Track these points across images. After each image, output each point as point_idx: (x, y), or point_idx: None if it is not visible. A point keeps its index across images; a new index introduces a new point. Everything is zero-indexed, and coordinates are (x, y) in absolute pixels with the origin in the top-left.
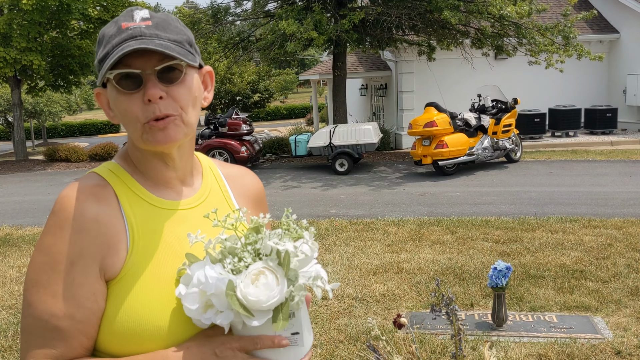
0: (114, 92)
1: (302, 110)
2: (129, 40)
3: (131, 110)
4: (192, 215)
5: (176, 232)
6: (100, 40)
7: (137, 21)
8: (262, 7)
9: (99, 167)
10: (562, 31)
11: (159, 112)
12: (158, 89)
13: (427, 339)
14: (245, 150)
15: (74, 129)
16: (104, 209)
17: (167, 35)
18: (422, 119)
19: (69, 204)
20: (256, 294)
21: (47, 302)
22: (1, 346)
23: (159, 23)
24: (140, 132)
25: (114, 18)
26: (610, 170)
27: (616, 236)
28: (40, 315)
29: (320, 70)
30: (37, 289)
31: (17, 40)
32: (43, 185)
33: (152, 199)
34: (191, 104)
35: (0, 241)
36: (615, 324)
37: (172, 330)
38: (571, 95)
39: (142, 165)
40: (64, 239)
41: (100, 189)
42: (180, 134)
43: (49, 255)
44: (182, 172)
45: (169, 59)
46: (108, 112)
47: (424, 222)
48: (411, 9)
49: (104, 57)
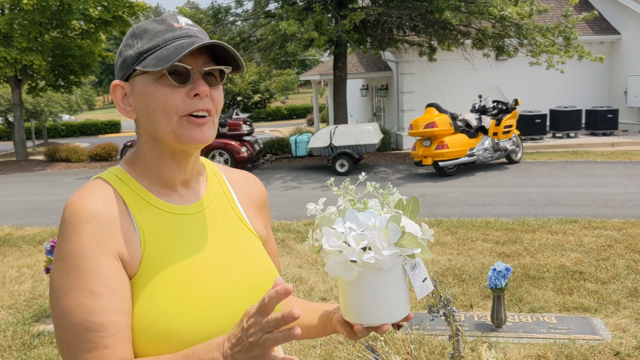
0: (154, 84)
1: (303, 110)
2: (185, 38)
3: (172, 101)
4: (199, 219)
5: (185, 235)
6: (138, 34)
7: (183, 24)
8: (262, 7)
9: (104, 173)
10: (563, 32)
11: (202, 106)
12: (207, 87)
13: (426, 340)
14: (246, 151)
15: (75, 129)
16: (114, 212)
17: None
18: (423, 120)
19: (80, 209)
20: (411, 227)
21: (86, 303)
22: (1, 346)
23: (201, 30)
24: (175, 126)
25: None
26: (610, 172)
27: (616, 237)
28: (82, 318)
29: (321, 71)
30: (72, 294)
31: (17, 40)
32: (43, 186)
33: (159, 203)
34: (220, 108)
35: (0, 241)
36: (614, 325)
37: (184, 331)
38: (572, 96)
39: (154, 166)
40: (82, 241)
41: (108, 194)
42: (211, 135)
43: (72, 260)
44: (189, 176)
45: (213, 64)
46: (123, 107)
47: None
48: (412, 10)
49: (151, 48)
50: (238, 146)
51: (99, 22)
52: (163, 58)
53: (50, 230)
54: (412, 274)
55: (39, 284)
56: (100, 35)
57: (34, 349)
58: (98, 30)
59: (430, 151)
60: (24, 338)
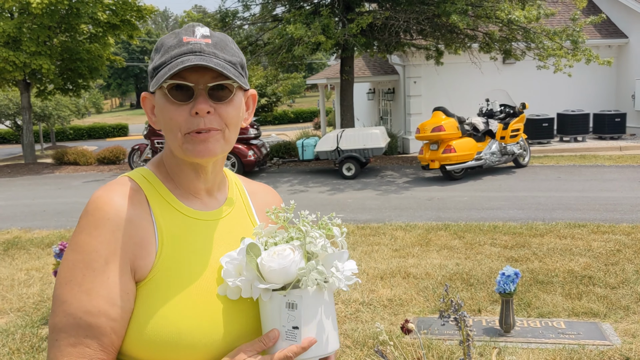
0: (163, 99)
1: (310, 114)
2: (189, 55)
3: (177, 119)
4: (217, 226)
5: (202, 241)
6: (157, 49)
7: (197, 37)
8: (270, 11)
9: (132, 172)
10: (570, 35)
11: (203, 125)
12: (207, 104)
13: (435, 344)
14: (253, 154)
15: (83, 132)
16: (137, 211)
17: (223, 56)
18: (430, 124)
19: (105, 204)
20: (270, 259)
21: (82, 300)
22: (9, 349)
23: (217, 42)
24: (181, 142)
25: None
26: (618, 176)
27: (625, 242)
28: (74, 312)
29: (328, 75)
30: (72, 286)
31: (26, 44)
32: (52, 188)
33: (181, 207)
34: (234, 123)
35: (9, 244)
36: (624, 331)
37: (193, 334)
38: (579, 100)
39: (175, 173)
40: (99, 237)
41: (133, 192)
42: (219, 148)
43: (84, 254)
44: (211, 185)
45: (222, 78)
46: (150, 117)
47: (431, 227)
48: (419, 13)
49: (161, 65)
50: (245, 150)
51: (107, 25)
52: (162, 76)
53: (58, 233)
54: (284, 312)
55: (47, 287)
56: (108, 39)
57: (42, 352)
58: (106, 34)
59: (437, 155)
60: (32, 341)
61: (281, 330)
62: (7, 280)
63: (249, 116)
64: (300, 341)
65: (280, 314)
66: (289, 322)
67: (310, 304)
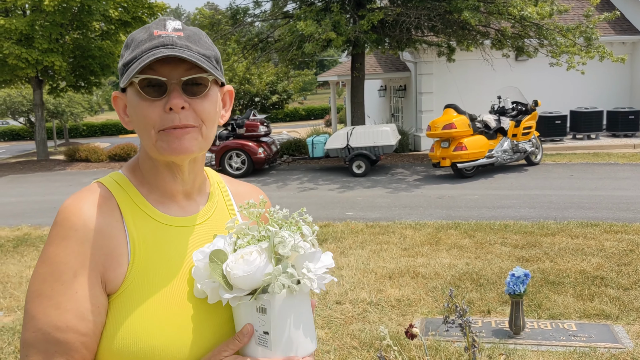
0: (136, 97)
1: (321, 111)
2: (160, 48)
3: (150, 116)
4: (195, 232)
5: (178, 249)
6: (128, 44)
7: (169, 30)
8: (280, 8)
9: (105, 178)
10: (583, 32)
11: (179, 122)
12: (182, 99)
13: (442, 347)
14: (263, 152)
15: (95, 129)
16: (107, 221)
17: (197, 49)
18: (441, 121)
19: (72, 214)
20: (235, 266)
21: (50, 314)
22: (15, 347)
23: (190, 35)
24: (155, 140)
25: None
26: (632, 174)
27: (638, 242)
28: (43, 328)
29: (339, 72)
30: (41, 300)
31: (39, 42)
32: (63, 185)
33: (155, 214)
34: (211, 119)
35: (19, 241)
36: (637, 333)
37: (167, 350)
38: (593, 97)
39: (151, 176)
40: (67, 249)
41: (104, 201)
42: (195, 146)
43: (52, 266)
44: (190, 187)
45: (196, 71)
46: (123, 117)
47: (441, 226)
48: (431, 10)
49: (131, 60)
50: (255, 147)
51: (119, 23)
52: (132, 71)
53: None
54: (255, 316)
55: None
56: (120, 36)
57: None
58: (118, 31)
59: (448, 152)
60: None
61: (254, 334)
62: (15, 278)
63: (226, 113)
64: (271, 347)
65: (252, 318)
66: (260, 326)
67: (280, 308)
